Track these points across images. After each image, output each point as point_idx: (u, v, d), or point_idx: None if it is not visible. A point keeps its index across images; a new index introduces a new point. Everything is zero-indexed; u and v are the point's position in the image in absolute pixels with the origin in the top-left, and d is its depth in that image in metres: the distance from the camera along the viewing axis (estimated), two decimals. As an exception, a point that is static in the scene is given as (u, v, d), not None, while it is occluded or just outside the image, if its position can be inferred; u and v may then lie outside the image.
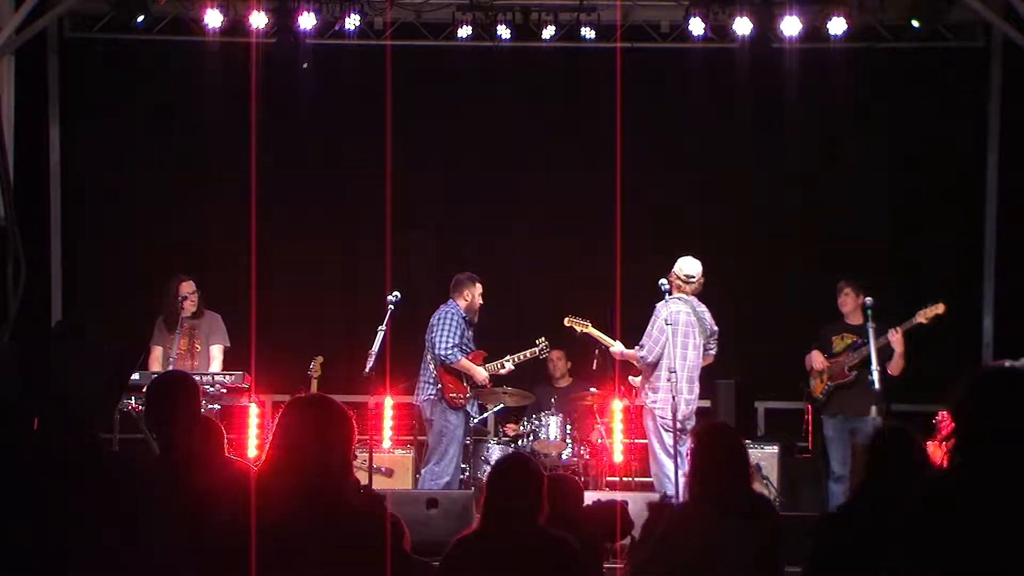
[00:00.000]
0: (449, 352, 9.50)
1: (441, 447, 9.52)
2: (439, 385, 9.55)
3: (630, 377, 9.56)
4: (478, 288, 9.86)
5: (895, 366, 9.39)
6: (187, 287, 9.52)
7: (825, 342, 9.91)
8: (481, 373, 9.75)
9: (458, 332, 9.59)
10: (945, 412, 3.50)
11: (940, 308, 9.44)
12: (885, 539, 3.53)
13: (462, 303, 9.73)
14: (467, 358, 9.66)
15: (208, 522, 4.12)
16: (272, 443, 3.94)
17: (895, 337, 9.38)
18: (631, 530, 5.57)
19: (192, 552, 3.63)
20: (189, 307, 9.48)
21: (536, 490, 4.62)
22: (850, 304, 9.79)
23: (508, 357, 10.09)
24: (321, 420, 3.90)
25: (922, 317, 9.45)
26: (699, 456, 5.06)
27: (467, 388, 9.71)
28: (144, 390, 8.51)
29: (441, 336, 9.49)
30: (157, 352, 9.65)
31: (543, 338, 10.34)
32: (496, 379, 10.69)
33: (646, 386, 9.14)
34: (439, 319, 9.57)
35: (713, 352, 9.28)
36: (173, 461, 4.75)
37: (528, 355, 10.22)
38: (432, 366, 9.52)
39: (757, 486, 9.51)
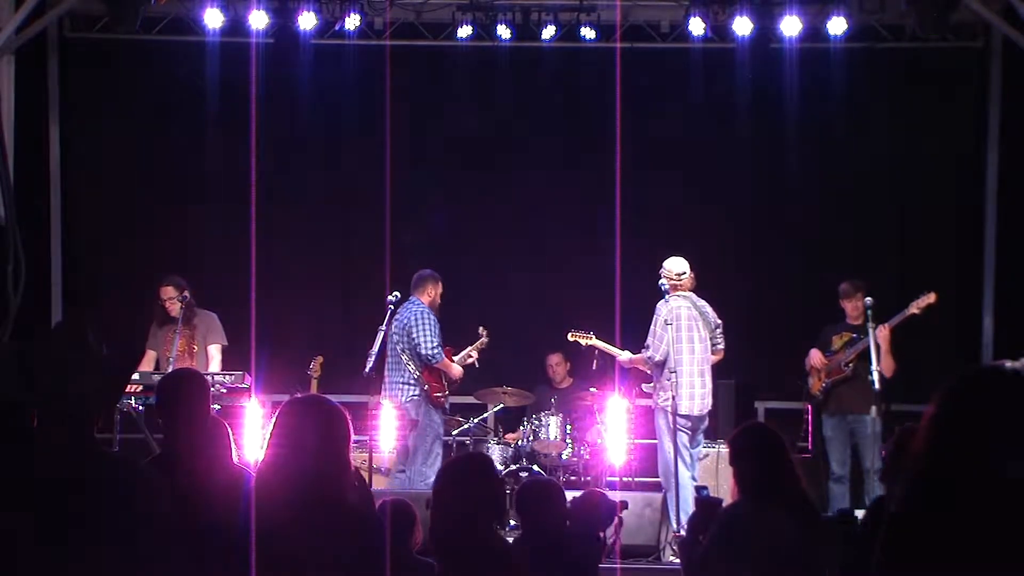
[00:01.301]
0: (436, 352, 9.49)
1: (426, 446, 9.52)
2: (425, 385, 9.52)
3: (642, 385, 9.57)
4: (440, 287, 9.79)
5: (885, 365, 9.36)
6: (165, 292, 9.57)
7: (825, 342, 9.92)
8: (457, 370, 9.77)
9: (437, 330, 9.57)
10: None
11: (932, 297, 9.44)
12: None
13: (426, 299, 9.65)
14: None
15: (208, 522, 4.12)
16: (270, 444, 3.95)
17: (882, 333, 9.36)
18: (611, 521, 5.61)
19: (192, 553, 3.62)
20: (173, 310, 9.52)
21: (488, 494, 4.57)
22: (853, 308, 9.79)
23: (467, 349, 10.13)
24: (318, 420, 3.90)
25: (915, 308, 9.46)
26: (739, 458, 5.07)
27: (445, 386, 9.71)
28: (143, 390, 8.66)
29: (424, 336, 9.45)
30: (150, 355, 9.67)
31: (482, 328, 10.38)
32: (496, 379, 10.75)
33: (656, 385, 9.16)
34: (416, 320, 9.48)
35: (721, 346, 9.27)
36: (175, 460, 4.76)
37: (480, 345, 10.28)
38: (412, 367, 9.46)
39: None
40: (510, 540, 5.40)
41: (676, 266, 9.20)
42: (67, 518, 2.96)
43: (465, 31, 11.41)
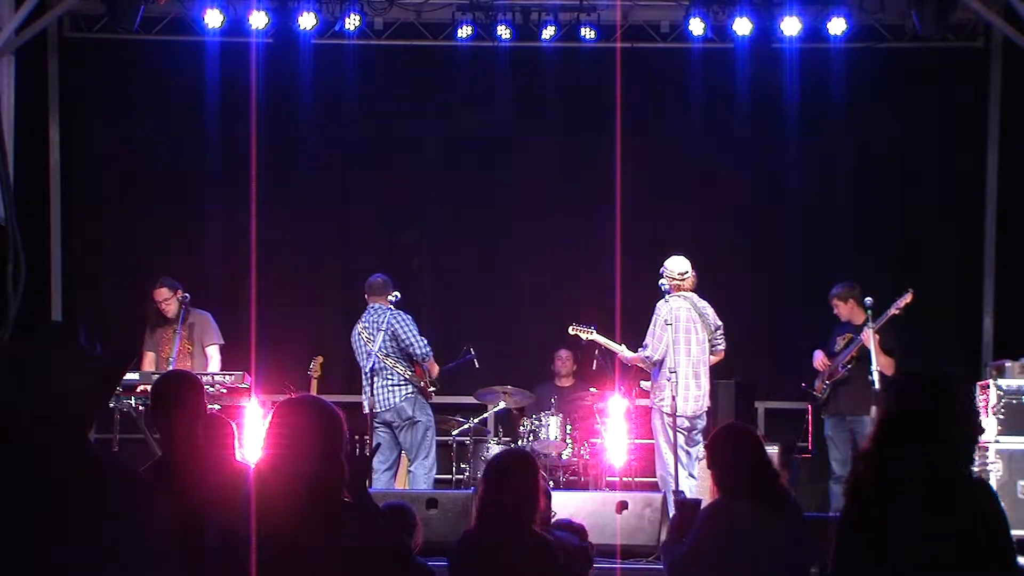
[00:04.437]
0: (429, 350, 9.51)
1: (427, 440, 9.55)
2: (421, 382, 9.55)
3: (642, 383, 9.57)
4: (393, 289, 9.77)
5: (883, 365, 9.36)
6: (160, 294, 9.58)
7: (831, 343, 9.93)
8: (436, 367, 9.80)
9: (419, 329, 9.60)
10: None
11: (909, 297, 9.47)
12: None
13: (386, 304, 9.62)
14: None
15: (208, 522, 4.12)
16: (267, 444, 3.96)
17: (866, 336, 9.36)
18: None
19: (190, 554, 3.62)
20: (169, 311, 9.54)
21: (533, 487, 4.66)
22: (843, 312, 9.84)
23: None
24: (314, 420, 3.92)
25: (895, 309, 9.48)
26: (716, 459, 5.08)
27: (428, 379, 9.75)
28: (140, 390, 8.67)
29: (414, 338, 9.45)
30: (149, 356, 9.67)
31: (467, 346, 10.53)
32: (496, 379, 10.75)
33: (654, 385, 9.16)
34: (400, 324, 9.45)
35: (721, 347, 9.27)
36: (173, 461, 4.76)
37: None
38: (400, 368, 9.46)
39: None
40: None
41: (678, 266, 9.19)
42: (54, 520, 2.95)
43: (465, 31, 11.41)
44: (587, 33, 11.42)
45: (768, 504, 4.91)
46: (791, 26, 10.85)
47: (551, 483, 10.02)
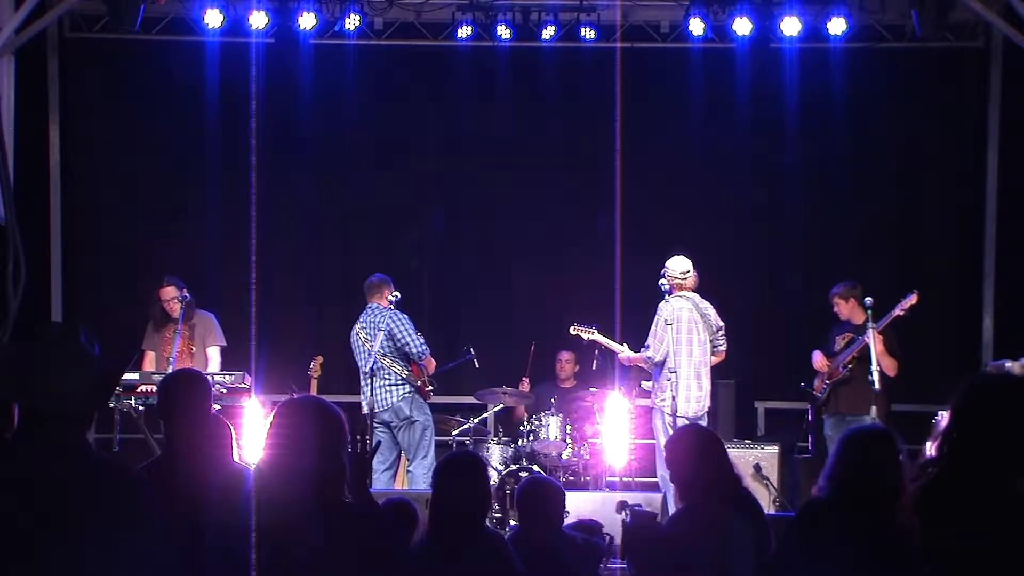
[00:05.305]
0: (425, 349, 9.52)
1: (426, 440, 9.57)
2: (418, 382, 9.56)
3: (642, 383, 9.57)
4: (393, 289, 9.77)
5: (885, 365, 9.37)
6: (166, 293, 9.59)
7: (830, 343, 9.94)
8: (433, 363, 9.81)
9: (415, 328, 9.60)
10: (943, 414, 3.54)
11: (914, 299, 9.48)
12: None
13: (384, 304, 9.64)
14: None
15: (208, 522, 4.13)
16: (268, 444, 3.96)
17: (869, 337, 9.37)
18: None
19: (191, 554, 3.62)
20: (174, 311, 9.53)
21: (484, 489, 4.69)
22: (843, 311, 9.85)
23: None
24: (315, 421, 3.92)
25: (899, 310, 9.49)
26: (680, 463, 5.08)
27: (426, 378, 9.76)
28: (140, 390, 8.67)
29: (410, 336, 9.47)
30: (150, 356, 9.67)
31: (467, 346, 10.55)
32: (495, 379, 10.75)
33: (655, 385, 9.17)
34: (396, 323, 9.47)
35: (723, 348, 9.28)
36: (173, 460, 4.77)
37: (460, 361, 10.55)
38: (398, 367, 9.47)
39: (753, 484, 9.58)
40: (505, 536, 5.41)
41: (679, 265, 9.19)
42: (54, 520, 2.95)
43: (465, 31, 11.40)
44: (587, 33, 11.42)
45: (731, 507, 4.90)
46: (791, 26, 10.84)
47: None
